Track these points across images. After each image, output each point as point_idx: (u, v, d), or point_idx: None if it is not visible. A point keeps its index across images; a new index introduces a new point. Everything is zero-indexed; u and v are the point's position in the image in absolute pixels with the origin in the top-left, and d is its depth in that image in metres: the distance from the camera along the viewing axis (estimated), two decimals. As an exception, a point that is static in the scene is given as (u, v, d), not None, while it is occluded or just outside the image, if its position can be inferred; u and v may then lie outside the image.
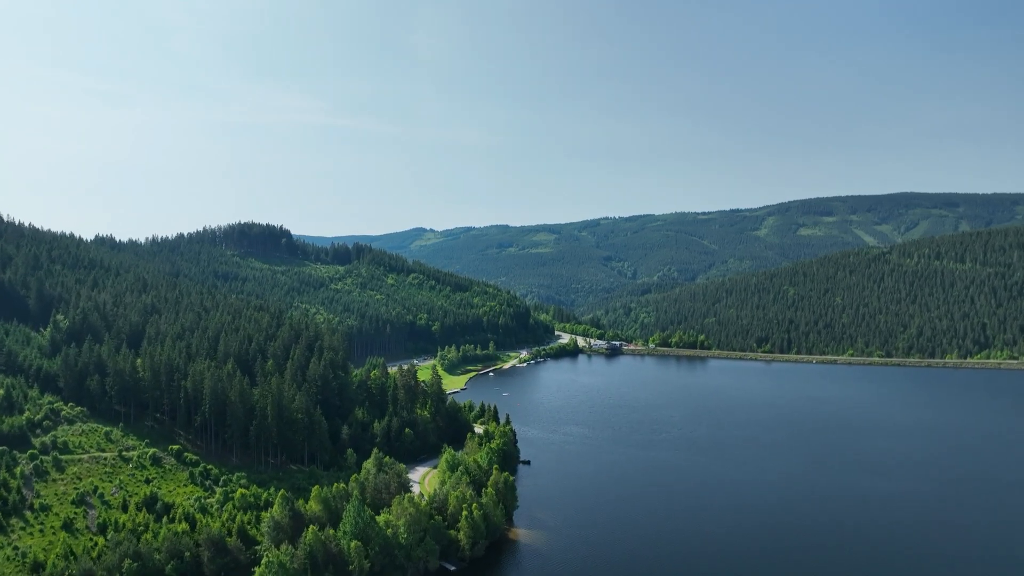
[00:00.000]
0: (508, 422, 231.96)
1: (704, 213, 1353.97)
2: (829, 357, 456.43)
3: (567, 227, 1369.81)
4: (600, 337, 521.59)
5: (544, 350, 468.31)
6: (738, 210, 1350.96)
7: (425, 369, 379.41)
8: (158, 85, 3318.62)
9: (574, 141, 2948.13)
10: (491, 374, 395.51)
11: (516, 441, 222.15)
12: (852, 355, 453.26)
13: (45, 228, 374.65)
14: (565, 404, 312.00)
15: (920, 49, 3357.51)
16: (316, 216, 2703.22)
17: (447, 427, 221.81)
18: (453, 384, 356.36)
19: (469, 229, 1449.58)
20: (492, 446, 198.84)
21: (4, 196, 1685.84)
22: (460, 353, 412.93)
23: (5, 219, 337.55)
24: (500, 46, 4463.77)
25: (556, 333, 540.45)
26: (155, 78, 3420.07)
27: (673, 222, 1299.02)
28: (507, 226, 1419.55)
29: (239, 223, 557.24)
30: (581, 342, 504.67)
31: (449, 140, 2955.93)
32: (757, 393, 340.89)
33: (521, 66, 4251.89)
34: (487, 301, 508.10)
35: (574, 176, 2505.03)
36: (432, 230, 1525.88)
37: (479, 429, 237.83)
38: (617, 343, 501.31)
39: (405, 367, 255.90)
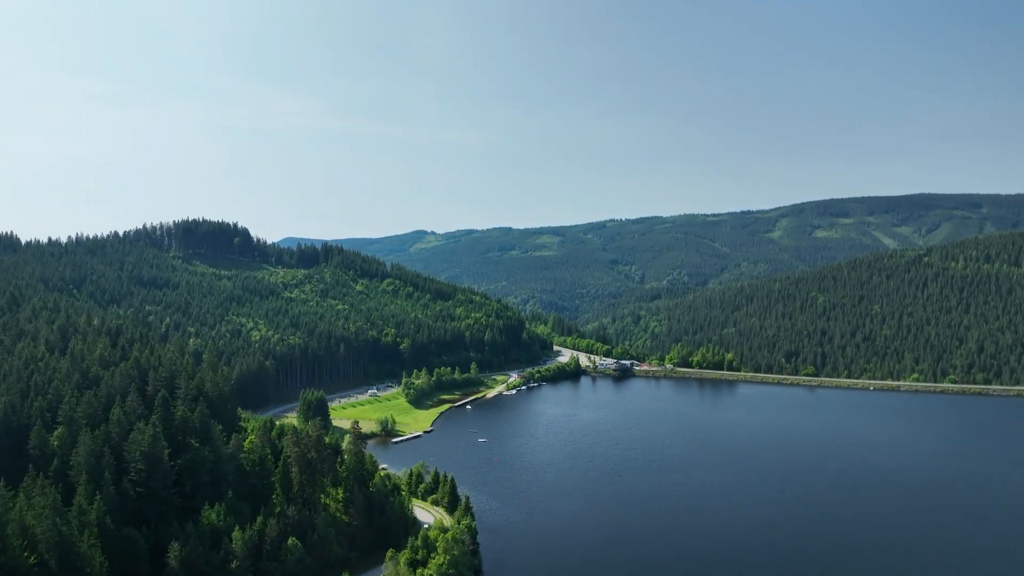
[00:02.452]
0: (467, 510, 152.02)
1: (714, 215, 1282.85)
2: (889, 383, 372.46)
3: (572, 229, 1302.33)
4: (607, 354, 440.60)
5: (539, 372, 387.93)
6: (749, 211, 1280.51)
7: (384, 401, 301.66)
8: (158, 86, 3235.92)
9: (578, 142, 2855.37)
10: (469, 407, 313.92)
11: (476, 546, 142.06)
12: (917, 379, 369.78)
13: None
14: (558, 456, 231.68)
15: (932, 48, 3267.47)
16: (315, 219, 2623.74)
17: (368, 524, 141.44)
18: (416, 424, 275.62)
19: (471, 231, 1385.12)
20: (429, 573, 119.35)
21: (4, 197, 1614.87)
22: (433, 378, 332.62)
23: None
24: (502, 47, 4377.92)
25: (555, 348, 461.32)
26: (155, 79, 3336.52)
27: (682, 224, 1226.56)
28: (510, 228, 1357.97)
29: (185, 219, 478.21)
30: (584, 360, 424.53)
31: (450, 141, 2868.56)
32: (815, 439, 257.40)
33: (523, 66, 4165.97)
34: (472, 312, 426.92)
35: (579, 177, 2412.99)
36: (433, 232, 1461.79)
37: (427, 516, 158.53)
38: (628, 363, 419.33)
39: (320, 415, 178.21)
